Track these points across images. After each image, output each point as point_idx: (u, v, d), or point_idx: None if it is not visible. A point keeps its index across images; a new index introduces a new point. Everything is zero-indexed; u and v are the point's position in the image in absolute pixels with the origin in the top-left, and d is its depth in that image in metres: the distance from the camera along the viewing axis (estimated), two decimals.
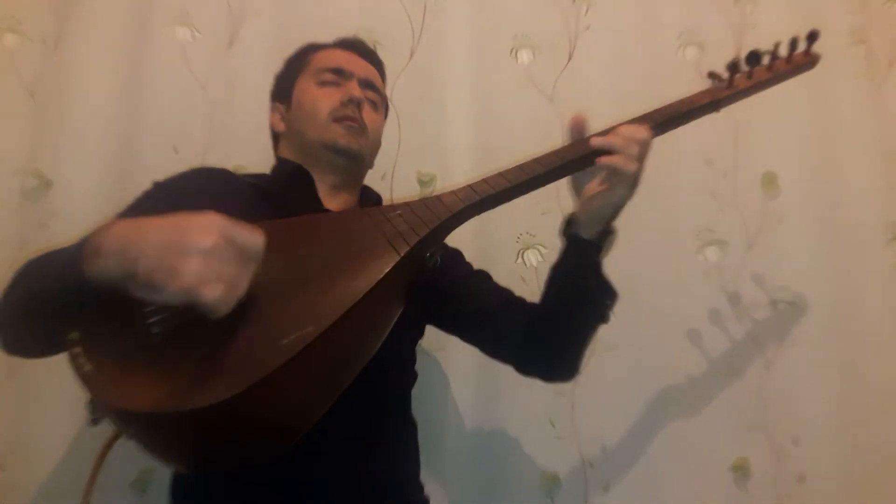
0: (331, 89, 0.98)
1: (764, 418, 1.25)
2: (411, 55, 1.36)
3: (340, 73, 1.00)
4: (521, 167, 0.82)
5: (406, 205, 0.79)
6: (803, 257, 1.31)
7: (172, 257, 0.56)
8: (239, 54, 1.31)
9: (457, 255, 1.08)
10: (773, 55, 0.95)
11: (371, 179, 1.28)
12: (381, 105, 1.05)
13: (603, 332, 1.25)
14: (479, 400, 1.22)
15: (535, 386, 1.23)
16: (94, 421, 0.62)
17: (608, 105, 1.36)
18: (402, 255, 0.71)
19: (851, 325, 1.29)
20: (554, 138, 1.35)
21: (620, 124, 0.86)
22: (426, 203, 0.79)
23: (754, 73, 0.94)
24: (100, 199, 1.20)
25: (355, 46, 1.07)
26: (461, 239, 1.19)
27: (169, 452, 0.64)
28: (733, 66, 0.92)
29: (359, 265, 0.70)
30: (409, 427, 0.98)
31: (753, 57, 0.92)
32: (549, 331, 0.91)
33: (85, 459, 1.11)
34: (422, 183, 1.31)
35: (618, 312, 1.26)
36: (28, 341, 0.75)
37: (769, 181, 1.35)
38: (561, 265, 0.90)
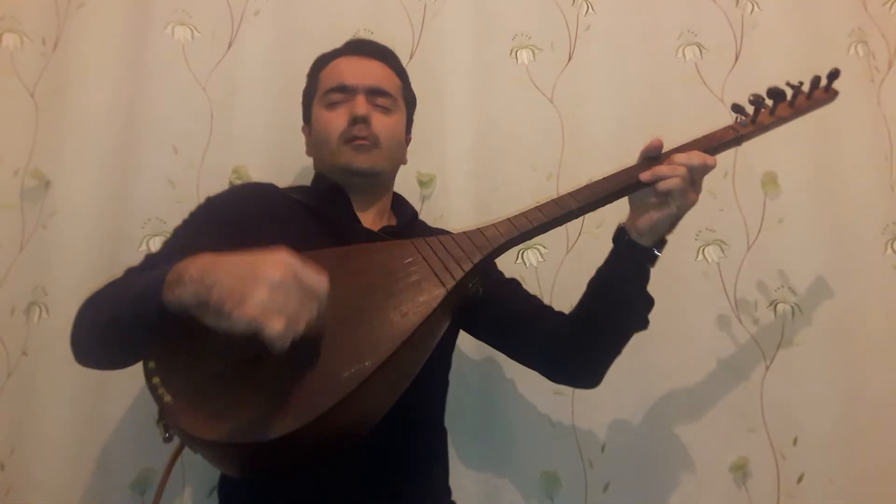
0: (339, 110, 1.00)
1: (764, 418, 1.25)
2: (411, 55, 1.36)
3: (345, 90, 1.00)
4: (556, 202, 0.88)
5: (450, 237, 0.85)
6: (803, 257, 1.31)
7: (243, 286, 0.59)
8: (239, 54, 1.31)
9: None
10: (796, 92, 0.99)
11: None
12: (396, 105, 1.05)
13: None
14: (480, 400, 1.22)
15: (535, 386, 1.23)
16: (167, 438, 0.68)
17: (608, 105, 1.36)
18: (450, 289, 0.76)
19: (851, 326, 1.28)
20: (554, 138, 1.35)
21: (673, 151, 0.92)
22: (469, 236, 0.84)
23: (777, 109, 0.97)
24: (100, 199, 1.21)
25: (360, 48, 1.07)
26: None
27: (234, 471, 0.71)
28: (757, 102, 0.96)
29: (409, 300, 0.75)
30: (440, 435, 1.01)
31: (776, 93, 0.95)
32: (591, 337, 0.94)
33: (85, 459, 1.12)
34: (422, 183, 1.31)
35: None
36: (101, 359, 0.82)
37: (769, 181, 1.35)
38: (612, 270, 0.92)
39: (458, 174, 1.31)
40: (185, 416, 0.63)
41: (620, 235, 0.92)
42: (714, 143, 0.94)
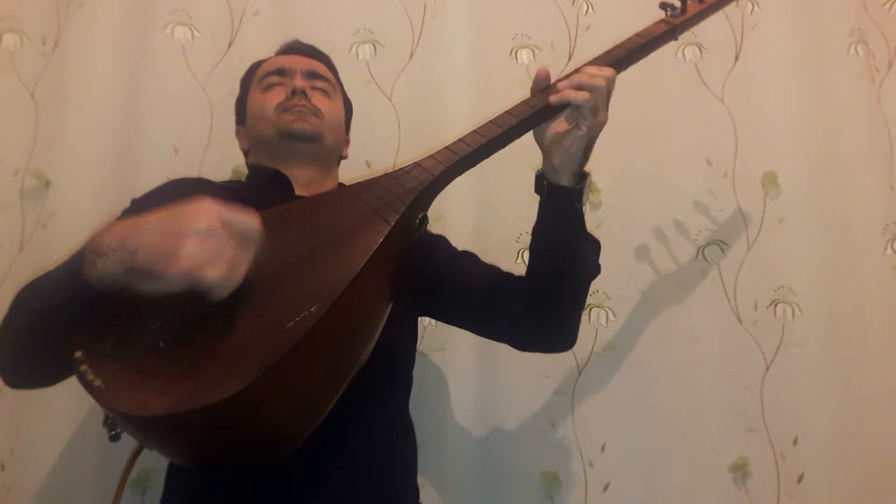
0: (276, 90, 0.98)
1: (764, 418, 1.25)
2: (411, 55, 1.36)
3: (282, 73, 0.99)
4: (493, 122, 0.82)
5: (387, 176, 0.79)
6: (803, 257, 1.31)
7: (170, 242, 0.56)
8: (239, 54, 1.31)
9: (440, 240, 1.06)
10: None
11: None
12: (335, 92, 1.03)
13: (603, 332, 1.27)
14: (479, 400, 1.22)
15: (535, 386, 1.23)
16: (114, 437, 0.63)
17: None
18: (393, 224, 0.71)
19: (851, 325, 1.28)
20: None
21: (582, 67, 0.86)
22: (407, 171, 0.79)
23: None
24: (100, 199, 1.20)
25: (295, 49, 1.07)
26: (461, 239, 1.19)
27: (190, 454, 0.64)
28: None
29: (352, 240, 0.70)
30: (402, 429, 0.95)
31: None
32: (545, 296, 0.88)
33: (85, 459, 1.12)
34: None
35: (617, 312, 1.28)
36: (32, 369, 0.75)
37: (769, 181, 1.35)
38: (541, 220, 0.87)
39: None
40: (121, 398, 0.58)
41: (539, 183, 0.86)
42: (647, 39, 0.91)
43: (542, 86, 0.85)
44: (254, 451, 0.65)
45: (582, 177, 0.85)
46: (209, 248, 0.56)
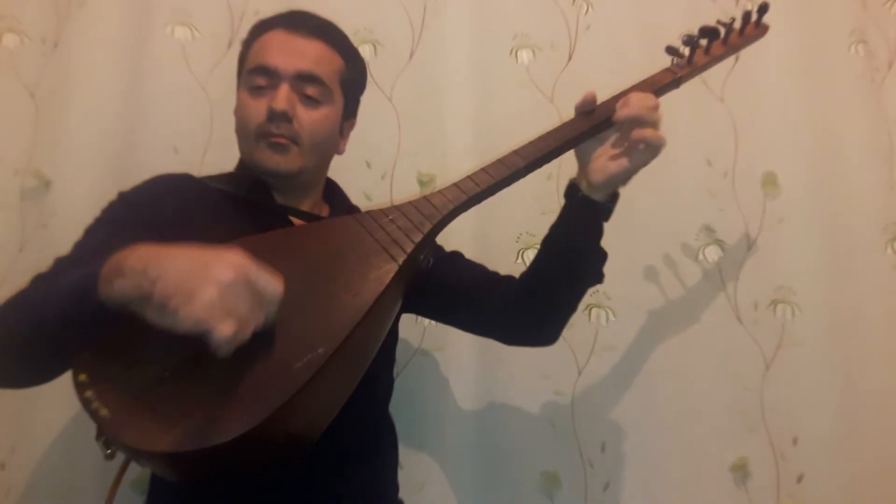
0: (260, 99, 0.90)
1: (764, 418, 1.25)
2: (411, 55, 1.36)
3: (268, 73, 0.90)
4: (502, 161, 0.85)
5: (395, 209, 0.80)
6: (803, 257, 1.31)
7: (192, 283, 0.56)
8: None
9: None
10: (728, 28, 0.97)
11: (371, 179, 1.29)
12: (327, 95, 0.92)
13: (603, 332, 1.27)
14: (479, 400, 1.22)
15: (536, 386, 1.23)
16: (109, 456, 0.62)
17: None
18: (401, 263, 0.72)
19: (851, 326, 1.28)
20: None
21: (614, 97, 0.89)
22: (416, 206, 0.80)
23: (711, 48, 0.96)
24: (100, 199, 1.18)
25: (297, 23, 0.94)
26: (461, 239, 1.19)
27: (189, 479, 0.65)
28: (691, 42, 0.94)
29: (359, 278, 0.70)
30: (384, 430, 0.97)
31: (709, 32, 0.95)
32: (547, 294, 0.92)
33: (85, 459, 1.12)
34: (422, 183, 1.31)
35: (617, 312, 1.28)
36: (18, 373, 0.74)
37: (769, 181, 1.35)
38: (562, 224, 0.91)
39: (458, 174, 1.29)
40: (128, 430, 0.58)
41: (572, 191, 0.90)
42: (653, 87, 0.92)
43: (588, 108, 0.88)
44: (256, 471, 0.66)
45: (614, 196, 0.89)
46: (226, 301, 0.55)
